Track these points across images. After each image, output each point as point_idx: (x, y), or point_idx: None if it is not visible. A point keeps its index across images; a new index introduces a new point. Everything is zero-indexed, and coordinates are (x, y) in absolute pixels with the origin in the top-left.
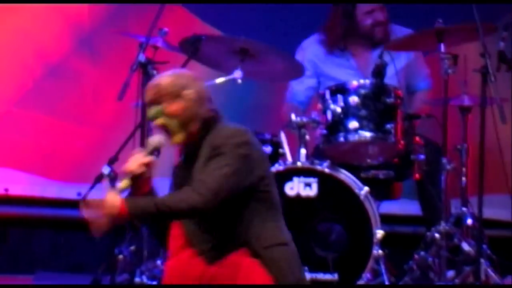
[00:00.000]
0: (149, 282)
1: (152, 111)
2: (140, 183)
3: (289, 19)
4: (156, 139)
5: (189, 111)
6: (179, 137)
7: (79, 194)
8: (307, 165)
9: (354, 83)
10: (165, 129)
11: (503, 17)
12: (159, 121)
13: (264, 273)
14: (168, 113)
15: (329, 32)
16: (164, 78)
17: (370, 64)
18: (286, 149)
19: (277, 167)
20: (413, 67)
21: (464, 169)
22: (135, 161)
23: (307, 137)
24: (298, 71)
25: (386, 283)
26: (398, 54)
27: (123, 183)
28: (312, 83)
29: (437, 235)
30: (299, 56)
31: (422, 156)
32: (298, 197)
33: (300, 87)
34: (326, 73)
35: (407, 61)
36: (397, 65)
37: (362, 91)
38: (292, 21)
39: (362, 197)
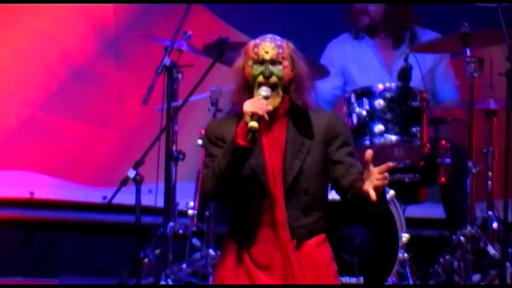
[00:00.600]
0: (175, 285)
1: (271, 69)
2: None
3: (314, 21)
4: (267, 89)
5: (297, 80)
6: (276, 101)
7: (104, 197)
8: None
9: (380, 86)
10: (273, 89)
11: None
12: (273, 79)
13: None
14: (284, 74)
15: (351, 24)
16: (285, 41)
17: (394, 61)
18: None
19: None
20: (439, 73)
21: (490, 173)
22: (255, 103)
23: None
24: (322, 72)
25: None
26: (423, 58)
27: (253, 123)
28: (339, 83)
29: (462, 238)
30: (326, 56)
31: (448, 160)
32: None
33: (326, 86)
34: (352, 72)
35: (433, 64)
36: (422, 68)
37: (388, 95)
38: (317, 24)
39: (387, 201)
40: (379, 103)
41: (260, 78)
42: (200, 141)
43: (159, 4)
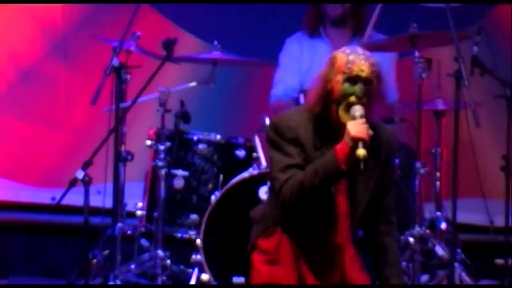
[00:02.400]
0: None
1: (362, 88)
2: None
3: (263, 21)
4: (360, 108)
5: (378, 99)
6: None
7: (53, 198)
8: None
9: None
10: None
11: (476, 21)
12: (365, 100)
13: None
14: (374, 94)
15: (306, 20)
16: (374, 57)
17: None
18: (261, 153)
19: (251, 172)
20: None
21: (438, 173)
22: (362, 128)
23: None
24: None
25: None
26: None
27: (362, 152)
28: (295, 84)
29: (411, 239)
30: (286, 51)
31: (396, 160)
32: None
33: (283, 87)
34: (307, 70)
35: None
36: None
37: None
38: (266, 23)
39: None
40: None
41: (352, 98)
42: (148, 142)
43: (108, 4)
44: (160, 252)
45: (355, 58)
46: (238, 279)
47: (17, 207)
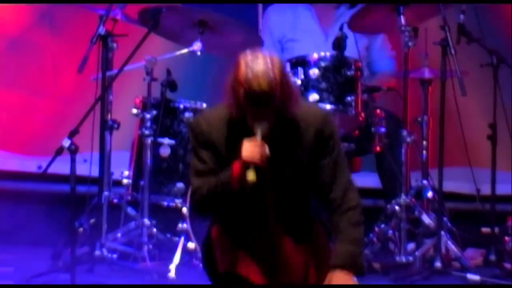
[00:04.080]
0: (109, 254)
1: (264, 106)
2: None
3: None
4: (263, 125)
5: (286, 98)
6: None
7: (39, 167)
8: None
9: (315, 55)
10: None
11: None
12: (267, 116)
13: None
14: (276, 105)
15: None
16: (275, 64)
17: (331, 27)
18: None
19: None
20: (376, 44)
21: (424, 142)
22: (254, 151)
23: None
24: (257, 43)
25: None
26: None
27: (251, 176)
28: (275, 52)
29: (397, 207)
30: (265, 20)
31: (383, 129)
32: None
33: None
34: (290, 39)
35: (368, 39)
36: (358, 42)
37: (323, 64)
38: None
39: None
40: (314, 72)
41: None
42: (134, 110)
43: None
44: (146, 221)
45: (253, 77)
46: None
47: (3, 175)
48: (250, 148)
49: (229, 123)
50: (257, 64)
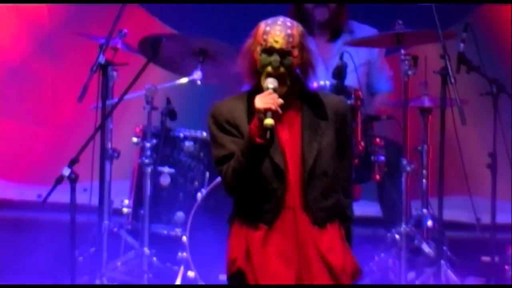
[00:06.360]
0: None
1: (280, 60)
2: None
3: (251, 20)
4: (273, 80)
5: (306, 66)
6: (283, 89)
7: (39, 196)
8: None
9: (315, 84)
10: (281, 78)
11: (463, 18)
12: (281, 70)
13: None
14: (293, 64)
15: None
16: (295, 27)
17: (331, 57)
18: None
19: None
20: (375, 67)
21: (424, 171)
22: (266, 99)
23: None
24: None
25: None
26: (357, 51)
27: (268, 121)
28: None
29: (397, 236)
30: None
31: (383, 157)
32: None
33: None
34: None
35: (369, 58)
36: (356, 61)
37: None
38: (254, 23)
39: None
40: None
41: (269, 69)
42: (135, 139)
43: (94, 4)
44: (146, 250)
45: (270, 29)
46: (224, 277)
47: (3, 204)
48: (262, 98)
49: (248, 101)
50: (277, 22)
